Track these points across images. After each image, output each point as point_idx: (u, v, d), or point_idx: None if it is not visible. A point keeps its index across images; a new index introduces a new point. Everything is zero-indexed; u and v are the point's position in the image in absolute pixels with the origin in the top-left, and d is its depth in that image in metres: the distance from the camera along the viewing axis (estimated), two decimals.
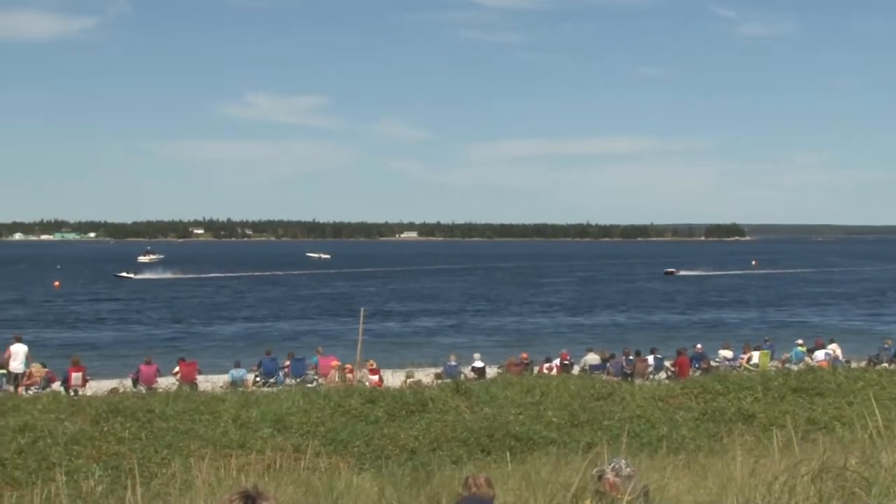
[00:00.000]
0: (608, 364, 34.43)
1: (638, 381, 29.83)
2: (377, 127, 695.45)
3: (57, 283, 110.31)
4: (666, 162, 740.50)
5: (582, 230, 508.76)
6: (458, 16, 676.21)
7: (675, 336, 52.50)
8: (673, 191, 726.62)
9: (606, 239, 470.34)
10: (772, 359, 36.06)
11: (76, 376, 31.02)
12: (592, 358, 35.19)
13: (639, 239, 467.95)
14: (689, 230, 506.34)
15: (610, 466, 8.60)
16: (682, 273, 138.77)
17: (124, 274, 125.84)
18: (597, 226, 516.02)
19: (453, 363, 34.25)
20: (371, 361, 33.79)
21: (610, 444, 14.28)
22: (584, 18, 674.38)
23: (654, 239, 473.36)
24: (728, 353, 36.72)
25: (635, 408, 21.39)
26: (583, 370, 33.78)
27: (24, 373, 31.24)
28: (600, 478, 8.60)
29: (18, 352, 31.60)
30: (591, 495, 8.52)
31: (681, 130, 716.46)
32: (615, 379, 29.80)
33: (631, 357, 34.88)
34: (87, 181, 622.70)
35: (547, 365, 35.09)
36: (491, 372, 33.90)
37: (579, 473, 9.09)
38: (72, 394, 27.31)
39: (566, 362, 35.25)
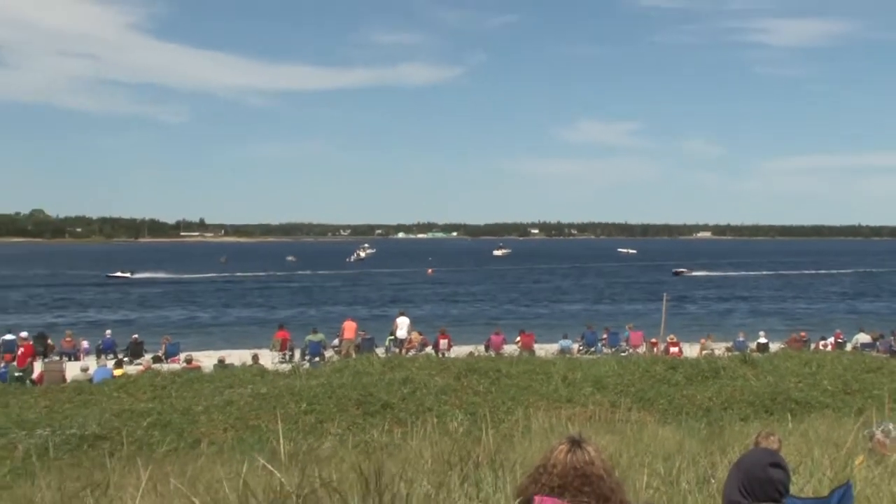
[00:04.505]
0: (878, 343, 32.21)
1: None
2: (682, 146, 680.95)
3: (430, 271, 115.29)
4: None
5: (854, 230, 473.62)
6: (751, 55, 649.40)
7: None
8: None
9: (876, 238, 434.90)
10: None
11: (443, 342, 32.45)
12: (863, 337, 33.01)
13: None
14: None
15: (879, 428, 8.18)
16: None
17: (119, 274, 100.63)
18: (867, 227, 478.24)
19: (741, 339, 33.32)
20: (672, 336, 33.21)
21: (879, 410, 13.38)
22: (865, 55, 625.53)
23: None
24: None
25: None
26: (854, 348, 31.72)
27: (407, 339, 33.00)
28: (871, 438, 8.17)
29: (402, 323, 33.44)
30: (864, 452, 8.05)
31: None
32: (885, 356, 27.76)
33: None
34: (453, 191, 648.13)
35: (823, 342, 33.40)
36: (774, 347, 32.47)
37: (852, 433, 8.60)
38: (440, 356, 28.48)
39: (840, 341, 33.39)
